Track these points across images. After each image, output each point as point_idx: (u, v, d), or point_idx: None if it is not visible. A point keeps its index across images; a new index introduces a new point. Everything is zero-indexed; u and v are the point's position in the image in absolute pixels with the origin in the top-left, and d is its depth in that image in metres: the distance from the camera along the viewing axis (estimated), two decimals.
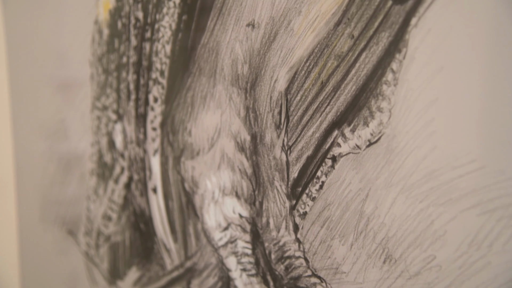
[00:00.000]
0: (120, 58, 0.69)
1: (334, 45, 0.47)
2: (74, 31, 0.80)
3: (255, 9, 0.53)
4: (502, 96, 0.37)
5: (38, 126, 0.94)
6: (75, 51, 0.81)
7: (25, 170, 1.02)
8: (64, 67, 0.86)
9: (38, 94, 0.93)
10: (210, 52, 0.59)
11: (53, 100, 0.88)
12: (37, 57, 0.93)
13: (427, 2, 0.40)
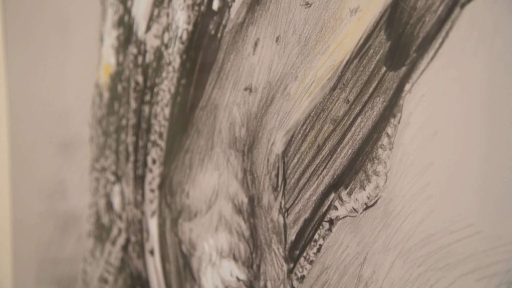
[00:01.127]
0: (119, 121, 0.70)
1: (330, 110, 0.48)
2: (76, 93, 0.82)
3: (253, 74, 0.54)
4: (498, 161, 0.38)
5: (37, 186, 0.94)
6: (75, 112, 0.82)
7: (22, 229, 1.01)
8: (65, 128, 0.87)
9: (38, 153, 0.94)
10: (208, 115, 0.60)
11: (53, 161, 0.88)
12: (39, 116, 0.94)
13: (420, 69, 0.41)
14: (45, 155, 0.90)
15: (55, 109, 0.89)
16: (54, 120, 0.89)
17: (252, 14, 0.54)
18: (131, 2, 0.70)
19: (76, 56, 0.85)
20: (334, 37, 0.47)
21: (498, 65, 0.37)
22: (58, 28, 0.89)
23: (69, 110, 0.85)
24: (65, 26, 0.88)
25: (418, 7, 0.40)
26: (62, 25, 0.88)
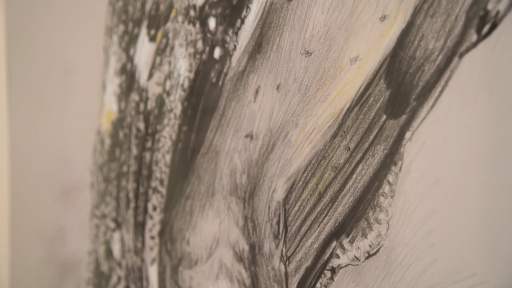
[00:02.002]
0: (120, 167, 0.70)
1: (331, 157, 0.48)
2: (77, 139, 0.82)
3: (254, 121, 0.55)
4: (500, 210, 0.37)
5: (37, 232, 0.93)
6: (77, 158, 0.82)
7: (21, 276, 1.00)
8: (66, 174, 0.87)
9: (38, 199, 0.93)
10: (209, 162, 0.60)
11: (53, 207, 0.88)
12: (40, 161, 0.94)
13: (420, 117, 0.41)
14: (45, 201, 0.90)
15: (57, 154, 0.90)
16: (55, 166, 0.89)
17: (253, 62, 0.55)
18: (133, 50, 0.71)
19: (79, 102, 0.86)
20: (335, 85, 0.47)
21: (497, 114, 0.37)
22: (61, 74, 0.90)
23: (70, 156, 0.85)
24: (68, 72, 0.89)
25: (417, 56, 0.41)
26: (65, 71, 0.89)
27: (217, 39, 0.58)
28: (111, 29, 0.76)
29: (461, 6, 0.38)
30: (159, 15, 0.66)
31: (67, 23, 0.89)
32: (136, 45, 0.70)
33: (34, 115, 0.99)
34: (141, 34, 0.69)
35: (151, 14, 0.67)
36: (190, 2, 0.61)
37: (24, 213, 0.99)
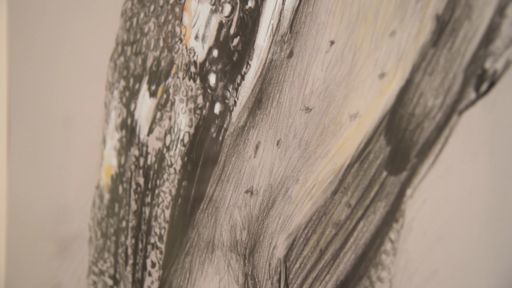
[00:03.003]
0: (119, 222, 0.70)
1: (331, 213, 0.47)
2: (76, 193, 0.81)
3: (254, 177, 0.55)
4: (503, 269, 0.37)
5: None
6: (75, 213, 0.81)
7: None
8: (64, 228, 0.86)
9: (35, 254, 0.92)
10: (209, 218, 0.59)
11: (50, 262, 0.87)
12: (38, 214, 0.93)
13: (421, 174, 0.41)
14: (42, 256, 0.89)
15: (55, 208, 0.89)
16: (54, 219, 0.89)
17: (253, 118, 0.55)
18: (134, 106, 0.71)
19: (78, 155, 0.86)
20: (335, 141, 0.47)
21: (498, 172, 0.37)
22: (62, 125, 0.90)
23: (69, 209, 0.85)
24: (69, 124, 0.89)
25: (417, 113, 0.41)
26: (66, 123, 0.90)
27: (217, 94, 0.59)
28: (113, 85, 0.77)
29: (459, 65, 0.38)
30: (160, 71, 0.67)
31: (69, 75, 0.90)
32: (137, 100, 0.71)
33: (33, 166, 0.99)
34: (142, 89, 0.70)
35: (152, 70, 0.68)
36: (191, 59, 0.62)
37: (20, 267, 0.97)
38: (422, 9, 0.41)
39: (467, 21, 0.38)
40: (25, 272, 0.95)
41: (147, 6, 0.69)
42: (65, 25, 0.91)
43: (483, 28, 0.37)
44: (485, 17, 0.37)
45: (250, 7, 0.55)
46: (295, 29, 0.51)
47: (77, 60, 0.88)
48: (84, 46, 0.86)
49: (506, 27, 0.36)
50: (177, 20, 0.64)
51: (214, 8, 0.59)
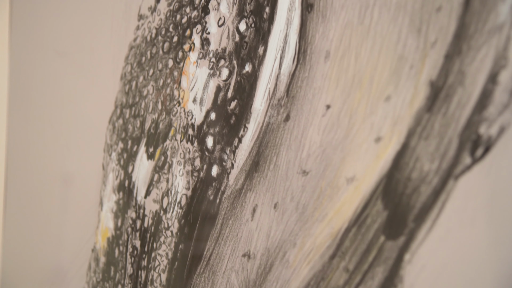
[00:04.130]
0: (115, 287, 0.68)
1: (329, 278, 0.47)
2: (72, 255, 0.81)
3: (251, 240, 0.54)
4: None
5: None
6: (71, 276, 0.80)
7: None
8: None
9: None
10: (206, 282, 0.58)
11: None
12: (32, 278, 0.92)
13: (419, 239, 0.40)
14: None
15: (50, 270, 0.88)
16: (49, 282, 0.87)
17: (250, 180, 0.55)
18: (132, 168, 0.71)
19: (75, 218, 0.85)
20: (332, 205, 0.47)
21: (497, 237, 0.37)
22: (59, 187, 0.90)
23: (64, 272, 0.84)
24: (66, 186, 0.89)
25: (413, 178, 0.41)
26: (63, 184, 0.90)
27: (215, 157, 0.59)
28: (111, 147, 0.77)
29: (454, 130, 0.39)
30: (158, 133, 0.67)
31: (68, 136, 0.91)
32: (135, 162, 0.71)
33: (29, 226, 0.98)
34: (140, 151, 0.70)
35: (150, 132, 0.69)
36: (189, 121, 0.62)
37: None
38: (416, 75, 0.41)
39: (461, 87, 0.38)
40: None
41: (146, 70, 0.70)
42: (66, 87, 0.93)
43: (476, 94, 0.37)
44: (478, 83, 0.37)
45: (248, 71, 0.56)
46: (291, 93, 0.52)
47: (76, 122, 0.89)
48: (83, 108, 0.87)
49: (499, 94, 0.36)
50: (176, 83, 0.65)
51: (212, 72, 0.60)
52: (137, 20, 0.73)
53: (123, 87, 0.75)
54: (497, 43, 0.36)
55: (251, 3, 0.56)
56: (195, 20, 0.63)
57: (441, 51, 0.40)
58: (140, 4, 0.73)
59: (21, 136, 1.09)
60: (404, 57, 0.42)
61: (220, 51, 0.59)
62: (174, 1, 0.66)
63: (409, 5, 0.42)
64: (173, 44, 0.66)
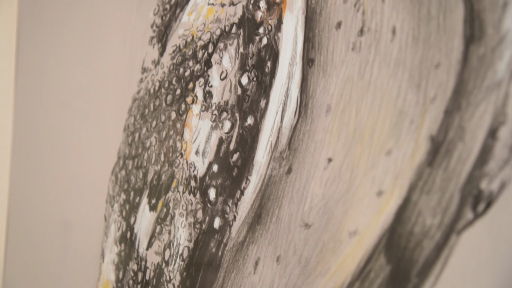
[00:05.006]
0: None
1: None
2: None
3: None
4: None
5: None
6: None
7: None
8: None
9: None
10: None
11: None
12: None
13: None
14: None
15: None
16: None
17: (252, 233, 0.55)
18: (134, 219, 0.71)
19: (76, 270, 0.85)
20: (335, 258, 0.47)
21: None
22: (60, 239, 0.90)
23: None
24: (67, 237, 0.89)
25: (415, 232, 0.41)
26: (64, 236, 0.89)
27: (217, 209, 0.59)
28: (113, 198, 0.77)
29: (455, 185, 0.39)
30: (160, 185, 0.67)
31: (70, 187, 0.91)
32: (137, 213, 0.71)
33: (27, 278, 0.97)
34: (142, 203, 0.70)
35: (152, 184, 0.69)
36: (191, 173, 0.63)
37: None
38: (416, 130, 0.42)
39: (461, 142, 0.39)
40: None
41: (149, 121, 0.71)
42: (69, 138, 0.93)
43: (476, 149, 0.38)
44: (477, 139, 0.38)
45: (250, 124, 0.57)
46: (293, 146, 0.52)
47: (79, 172, 0.89)
48: (86, 159, 0.87)
49: (499, 149, 0.36)
50: (178, 135, 0.66)
51: (215, 124, 0.61)
52: (141, 73, 0.74)
53: (126, 138, 0.76)
54: (496, 100, 0.37)
55: (253, 58, 0.57)
56: (198, 74, 0.64)
57: (440, 106, 0.40)
58: (143, 57, 0.75)
59: (23, 184, 1.09)
60: (404, 112, 0.43)
61: (222, 104, 0.60)
62: (177, 55, 0.68)
63: (408, 61, 0.43)
64: (176, 96, 0.67)
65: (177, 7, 0.70)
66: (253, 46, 0.58)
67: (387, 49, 0.44)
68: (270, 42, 0.56)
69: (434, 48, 0.41)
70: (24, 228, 1.06)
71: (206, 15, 0.64)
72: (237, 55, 0.59)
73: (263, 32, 0.57)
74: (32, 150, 1.07)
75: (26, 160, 1.09)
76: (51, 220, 0.95)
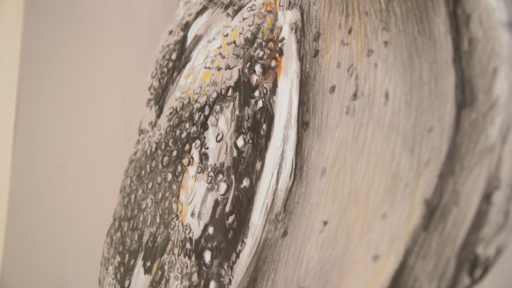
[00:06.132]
0: None
1: None
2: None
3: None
4: None
5: None
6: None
7: None
8: None
9: None
10: None
11: None
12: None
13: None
14: None
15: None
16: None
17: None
18: (128, 282, 0.70)
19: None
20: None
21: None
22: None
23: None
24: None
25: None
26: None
27: (212, 272, 0.58)
28: (108, 260, 0.76)
29: (451, 250, 0.38)
30: (155, 247, 0.67)
31: (64, 249, 0.90)
32: (132, 276, 0.70)
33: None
34: (137, 265, 0.69)
35: (147, 246, 0.68)
36: (187, 235, 0.62)
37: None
38: (411, 194, 0.42)
39: (456, 207, 0.39)
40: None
41: (145, 183, 0.71)
42: (66, 199, 0.93)
43: (471, 214, 0.38)
44: (472, 203, 0.38)
45: (245, 186, 0.57)
46: (289, 208, 0.52)
47: (74, 234, 0.89)
48: (82, 220, 0.87)
49: (494, 214, 0.36)
50: (174, 197, 0.66)
51: (210, 186, 0.61)
52: (138, 135, 0.75)
53: (122, 200, 0.75)
54: (489, 164, 0.37)
55: (248, 120, 0.58)
56: (194, 135, 0.64)
57: (434, 170, 0.40)
58: (141, 119, 0.75)
59: (20, 243, 1.08)
60: (398, 176, 0.43)
61: (218, 165, 0.60)
62: (174, 117, 0.68)
63: (401, 125, 0.43)
64: (172, 158, 0.67)
65: (175, 70, 0.71)
66: (249, 108, 0.58)
67: (380, 113, 0.45)
68: (265, 105, 0.56)
69: (427, 113, 0.42)
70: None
71: (203, 78, 0.65)
72: (233, 117, 0.60)
73: (259, 95, 0.57)
74: (29, 211, 1.06)
75: (22, 220, 1.08)
76: (47, 281, 0.94)
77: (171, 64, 0.71)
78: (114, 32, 0.85)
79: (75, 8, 0.97)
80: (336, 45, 0.50)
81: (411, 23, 0.44)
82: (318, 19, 0.53)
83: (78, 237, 0.87)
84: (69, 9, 0.99)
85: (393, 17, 0.45)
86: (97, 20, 0.90)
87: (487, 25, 0.38)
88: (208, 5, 0.68)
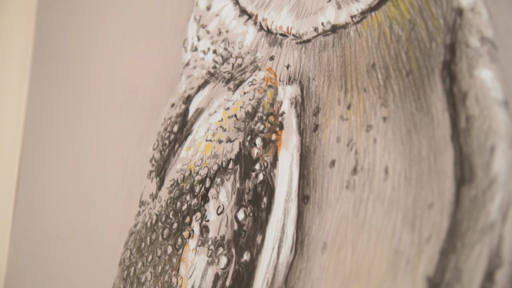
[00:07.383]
0: None
1: None
2: None
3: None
4: None
5: None
6: None
7: None
8: None
9: None
10: None
11: None
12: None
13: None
14: None
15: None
16: None
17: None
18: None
19: None
20: None
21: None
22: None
23: None
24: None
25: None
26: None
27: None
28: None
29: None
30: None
31: None
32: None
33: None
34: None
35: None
36: None
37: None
38: (412, 271, 0.41)
39: (458, 285, 0.38)
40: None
41: (145, 255, 0.70)
42: (64, 272, 0.92)
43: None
44: (475, 282, 0.37)
45: (246, 260, 0.56)
46: (289, 284, 0.51)
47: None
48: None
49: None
50: (174, 270, 0.65)
51: (211, 260, 0.60)
52: (139, 206, 0.75)
53: (121, 273, 0.74)
54: (491, 242, 0.37)
55: (249, 193, 0.58)
56: (195, 208, 0.64)
57: (436, 247, 0.40)
58: (142, 191, 0.75)
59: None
60: (400, 252, 0.42)
61: (219, 238, 0.60)
62: (175, 189, 0.68)
63: (402, 201, 0.43)
64: (172, 230, 0.67)
65: (176, 142, 0.71)
66: (250, 181, 0.58)
67: (380, 188, 0.45)
68: (266, 178, 0.57)
69: (427, 189, 0.42)
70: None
71: (204, 151, 0.66)
72: (234, 190, 0.60)
73: (259, 168, 0.58)
74: (27, 283, 1.05)
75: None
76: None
77: (172, 136, 0.72)
78: (118, 103, 0.86)
79: (79, 77, 0.99)
80: (336, 120, 0.51)
81: (408, 99, 0.44)
82: (317, 94, 0.54)
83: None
84: (73, 78, 1.01)
85: (391, 94, 0.46)
86: (101, 91, 0.91)
87: (483, 103, 0.39)
88: (209, 79, 0.69)
